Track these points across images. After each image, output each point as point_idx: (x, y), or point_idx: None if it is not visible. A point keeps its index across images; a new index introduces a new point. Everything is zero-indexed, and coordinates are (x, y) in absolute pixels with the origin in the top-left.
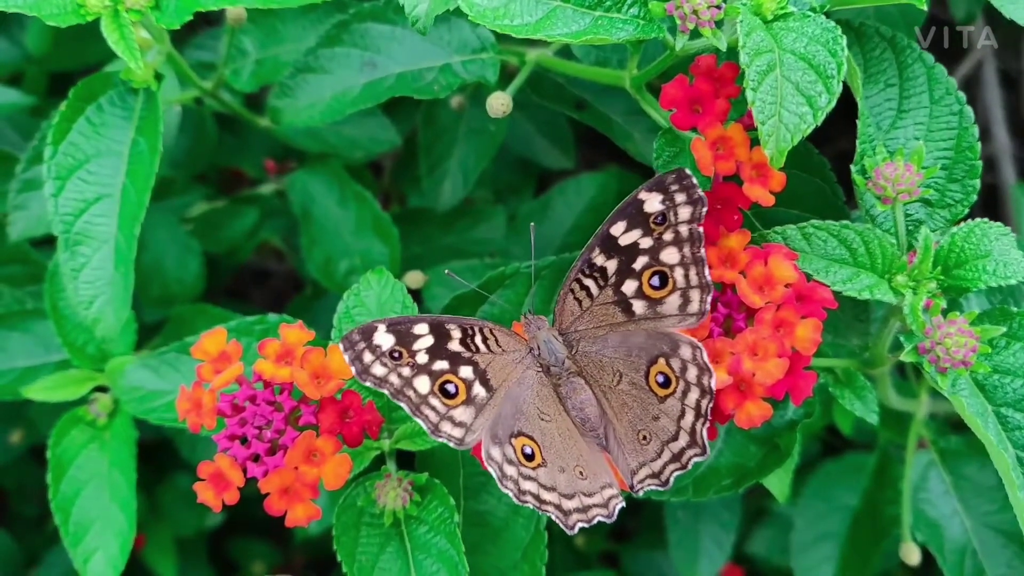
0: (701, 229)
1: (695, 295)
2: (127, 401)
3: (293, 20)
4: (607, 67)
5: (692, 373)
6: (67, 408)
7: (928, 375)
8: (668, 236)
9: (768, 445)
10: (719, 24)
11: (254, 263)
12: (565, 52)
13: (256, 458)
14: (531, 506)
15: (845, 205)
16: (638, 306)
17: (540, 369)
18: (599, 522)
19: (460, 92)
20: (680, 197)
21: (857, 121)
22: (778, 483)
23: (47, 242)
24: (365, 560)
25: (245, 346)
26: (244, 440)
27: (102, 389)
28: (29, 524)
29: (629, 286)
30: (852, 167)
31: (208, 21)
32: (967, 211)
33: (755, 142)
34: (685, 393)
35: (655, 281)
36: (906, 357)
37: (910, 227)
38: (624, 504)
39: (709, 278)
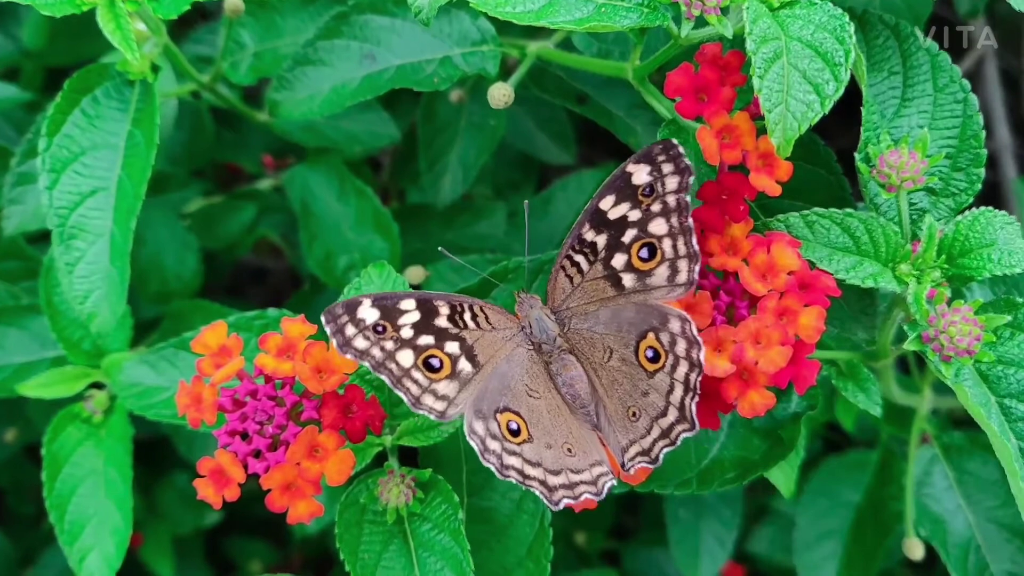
0: (688, 198)
1: (683, 265)
2: (125, 397)
3: (292, 12)
4: (609, 59)
5: (681, 346)
6: (63, 405)
7: (932, 364)
8: (656, 207)
9: (772, 438)
10: (724, 11)
11: (252, 261)
12: (566, 45)
13: (257, 454)
14: (514, 480)
15: (851, 197)
16: (627, 279)
17: (531, 347)
18: (586, 499)
19: (460, 85)
20: (667, 167)
21: (861, 109)
22: (783, 478)
23: (43, 237)
24: (368, 558)
25: (244, 342)
26: (245, 436)
27: (98, 386)
28: (25, 523)
29: (619, 260)
30: (856, 155)
31: (204, 15)
32: (971, 200)
33: (761, 131)
34: (674, 367)
35: (644, 253)
36: (910, 346)
37: (914, 216)
38: (615, 482)
39: (697, 247)
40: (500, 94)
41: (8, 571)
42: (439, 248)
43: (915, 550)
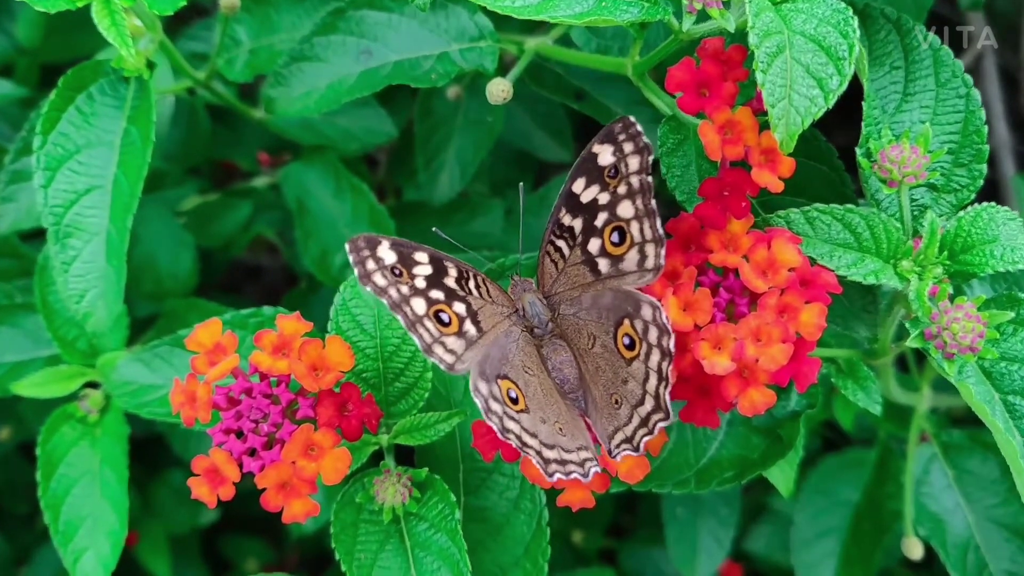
0: (651, 178)
1: (650, 249)
2: (119, 396)
3: (287, 8)
4: (608, 55)
5: (653, 334)
6: (57, 404)
7: (934, 361)
8: (622, 189)
9: (771, 436)
10: (727, 5)
11: (247, 258)
12: (565, 40)
13: (252, 452)
14: (513, 444)
15: (853, 194)
16: (603, 264)
17: (525, 328)
18: (575, 478)
19: (457, 82)
20: (628, 147)
21: (862, 104)
22: (782, 478)
23: (37, 235)
24: (364, 558)
25: (240, 339)
26: (240, 434)
27: (93, 385)
28: (19, 521)
29: (594, 244)
30: (857, 150)
31: (200, 11)
32: (973, 196)
33: (764, 126)
34: (648, 355)
35: (615, 237)
36: (912, 343)
37: (915, 212)
38: (599, 468)
39: (661, 231)
40: (499, 90)
41: (3, 569)
42: (432, 229)
43: (914, 550)
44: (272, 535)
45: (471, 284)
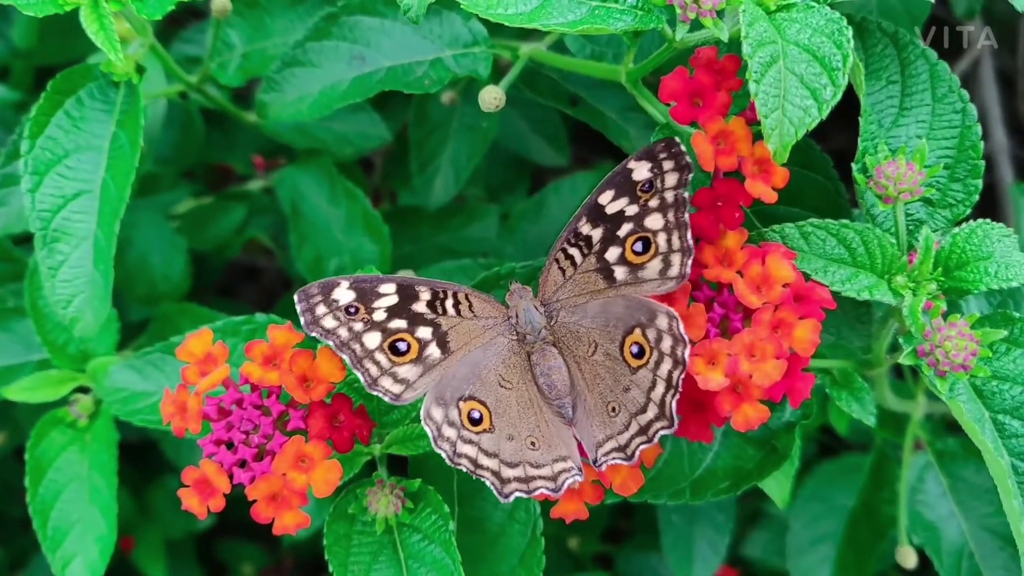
0: (686, 194)
1: (676, 259)
2: (111, 402)
3: (281, 12)
4: (602, 61)
5: (667, 343)
6: (50, 409)
7: (927, 378)
8: (654, 202)
9: (766, 447)
10: (720, 14)
11: (243, 260)
12: (559, 46)
13: (243, 464)
14: (464, 469)
15: (847, 203)
16: (619, 272)
17: (514, 337)
18: (541, 493)
19: (452, 87)
20: (668, 164)
21: (858, 119)
22: (777, 488)
23: (29, 239)
24: (357, 570)
25: (232, 347)
26: (230, 445)
27: (83, 390)
28: (15, 526)
29: (612, 253)
30: (853, 165)
31: (196, 14)
32: (969, 211)
33: (757, 136)
34: (658, 364)
35: (638, 247)
36: (905, 360)
37: (911, 227)
38: (579, 478)
39: (691, 242)
40: (491, 98)
41: None
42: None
43: (908, 558)
44: (268, 539)
45: (447, 304)
